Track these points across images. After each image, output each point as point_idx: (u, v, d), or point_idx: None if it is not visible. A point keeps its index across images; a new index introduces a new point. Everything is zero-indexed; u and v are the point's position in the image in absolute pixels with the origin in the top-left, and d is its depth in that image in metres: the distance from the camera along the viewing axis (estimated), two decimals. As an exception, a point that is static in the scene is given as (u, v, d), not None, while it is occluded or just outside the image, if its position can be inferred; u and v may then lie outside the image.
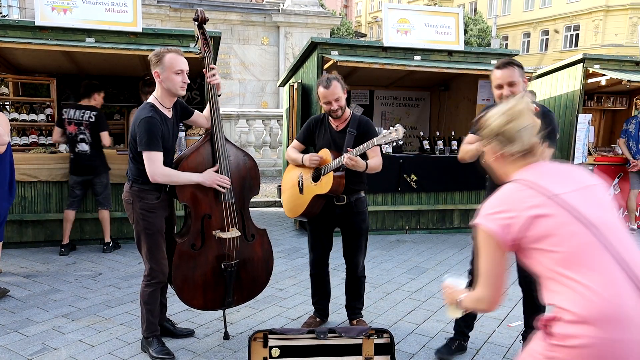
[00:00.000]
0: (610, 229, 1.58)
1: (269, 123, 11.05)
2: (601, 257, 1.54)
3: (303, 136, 3.61)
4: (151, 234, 3.04)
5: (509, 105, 1.81)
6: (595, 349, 1.48)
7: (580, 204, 1.61)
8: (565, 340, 1.52)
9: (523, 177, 1.72)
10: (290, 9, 15.06)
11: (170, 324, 3.47)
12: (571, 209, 1.59)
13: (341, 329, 2.98)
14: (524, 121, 1.76)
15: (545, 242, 1.58)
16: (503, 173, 1.85)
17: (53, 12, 5.23)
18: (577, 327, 1.50)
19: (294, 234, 6.44)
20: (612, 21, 31.66)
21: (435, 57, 6.40)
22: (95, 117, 5.27)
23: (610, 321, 1.47)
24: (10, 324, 3.59)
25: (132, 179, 3.06)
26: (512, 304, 4.20)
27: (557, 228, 1.58)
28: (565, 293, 1.54)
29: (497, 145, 1.80)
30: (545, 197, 1.62)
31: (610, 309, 1.48)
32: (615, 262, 1.52)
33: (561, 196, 1.62)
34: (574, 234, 1.57)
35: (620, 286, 1.50)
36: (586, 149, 6.85)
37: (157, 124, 2.92)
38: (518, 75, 2.90)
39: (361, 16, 52.86)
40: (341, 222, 3.46)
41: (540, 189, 1.64)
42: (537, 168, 1.75)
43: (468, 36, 31.55)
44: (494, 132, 1.80)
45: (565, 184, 1.67)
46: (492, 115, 1.82)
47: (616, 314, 1.47)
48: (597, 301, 1.49)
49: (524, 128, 1.76)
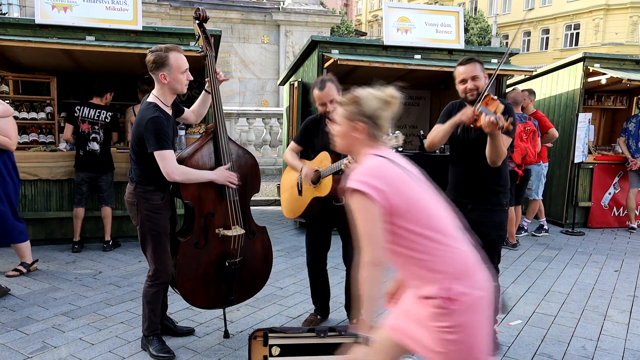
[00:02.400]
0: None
1: (269, 122, 11.04)
2: (452, 225, 1.88)
3: (300, 137, 3.60)
4: (156, 235, 3.04)
5: (388, 93, 1.92)
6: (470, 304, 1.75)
7: (422, 180, 1.91)
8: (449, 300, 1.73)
9: (382, 154, 1.88)
10: (290, 7, 15.04)
11: (170, 322, 3.47)
12: (422, 183, 1.90)
13: (341, 328, 2.99)
14: (394, 110, 1.92)
15: (408, 213, 1.78)
16: (353, 148, 1.97)
17: (53, 10, 5.23)
18: (456, 286, 1.74)
19: (293, 233, 6.44)
20: (612, 20, 31.63)
21: (436, 55, 6.39)
22: (111, 118, 5.33)
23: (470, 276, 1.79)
24: (10, 322, 3.59)
25: (136, 180, 3.03)
26: (511, 302, 4.20)
27: (416, 201, 1.81)
28: (437, 256, 1.78)
29: (366, 125, 1.89)
30: (404, 172, 1.85)
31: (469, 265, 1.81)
32: (458, 228, 1.89)
33: (412, 173, 1.89)
34: (428, 206, 1.84)
35: (468, 246, 1.86)
36: (586, 147, 6.85)
37: (163, 122, 2.91)
38: (479, 70, 3.10)
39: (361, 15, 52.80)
40: (339, 223, 3.46)
41: (399, 166, 1.86)
42: (385, 149, 1.93)
43: (469, 35, 31.50)
44: (368, 113, 1.89)
45: (408, 164, 1.93)
46: (368, 97, 1.91)
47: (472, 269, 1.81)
48: (462, 260, 1.79)
49: (391, 117, 1.92)
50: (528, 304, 4.23)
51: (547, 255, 5.74)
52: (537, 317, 3.96)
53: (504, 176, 3.16)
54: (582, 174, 7.07)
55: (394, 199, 1.77)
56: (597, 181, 7.16)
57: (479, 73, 3.06)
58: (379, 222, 1.76)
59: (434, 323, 1.75)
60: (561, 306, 4.21)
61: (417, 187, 1.86)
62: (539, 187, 6.40)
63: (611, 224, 7.26)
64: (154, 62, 2.91)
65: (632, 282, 4.88)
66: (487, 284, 1.84)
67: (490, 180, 3.12)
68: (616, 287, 4.72)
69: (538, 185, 6.39)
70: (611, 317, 4.02)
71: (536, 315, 4.00)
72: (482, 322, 1.80)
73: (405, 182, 1.83)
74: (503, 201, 3.18)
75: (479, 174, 3.12)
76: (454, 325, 1.73)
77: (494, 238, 3.14)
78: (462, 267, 1.80)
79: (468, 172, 3.17)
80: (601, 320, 3.95)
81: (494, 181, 3.12)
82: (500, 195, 3.16)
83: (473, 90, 3.05)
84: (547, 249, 6.05)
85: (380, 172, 1.81)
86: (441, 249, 1.80)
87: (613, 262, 5.53)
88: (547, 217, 6.94)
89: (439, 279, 1.77)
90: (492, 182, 3.12)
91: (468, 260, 1.84)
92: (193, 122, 3.40)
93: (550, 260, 5.56)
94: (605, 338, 3.62)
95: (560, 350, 3.40)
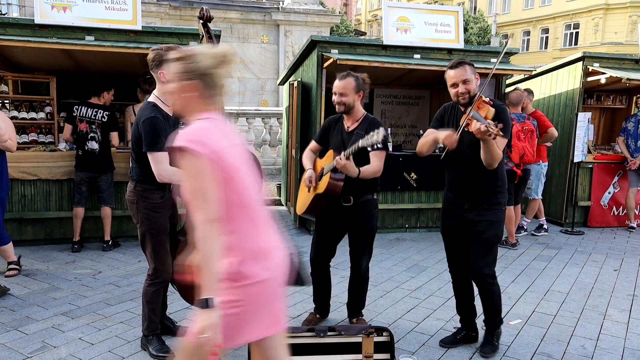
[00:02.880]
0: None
1: (269, 121, 11.03)
2: (261, 208, 1.93)
3: (319, 136, 3.61)
4: (156, 234, 3.04)
5: (221, 50, 1.86)
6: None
7: (241, 155, 1.91)
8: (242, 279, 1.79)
9: (214, 120, 1.85)
10: (290, 7, 15.03)
11: (170, 322, 3.47)
12: (245, 160, 1.91)
13: (341, 327, 2.99)
14: (229, 69, 1.87)
15: (225, 183, 1.77)
16: (187, 109, 1.89)
17: (53, 10, 5.23)
18: (249, 264, 1.80)
19: (293, 233, 6.44)
20: (611, 19, 31.64)
21: (435, 55, 6.40)
22: (108, 117, 5.32)
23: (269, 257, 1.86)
24: (10, 322, 3.59)
25: (136, 179, 3.05)
26: (511, 302, 4.21)
27: (235, 174, 1.81)
28: (241, 232, 1.80)
29: (200, 84, 1.82)
30: (231, 144, 1.83)
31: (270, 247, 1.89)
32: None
33: (238, 147, 1.89)
34: (245, 182, 1.85)
35: (272, 230, 1.93)
36: (586, 147, 6.85)
37: (160, 123, 2.92)
38: (470, 72, 3.04)
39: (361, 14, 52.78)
40: (348, 223, 3.46)
41: (228, 136, 1.85)
42: (219, 116, 1.90)
43: (468, 34, 31.50)
44: (201, 70, 1.81)
45: (236, 138, 1.93)
46: (202, 53, 1.84)
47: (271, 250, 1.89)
48: (262, 239, 1.85)
49: (226, 76, 1.87)
50: (527, 303, 4.23)
51: (546, 255, 5.74)
52: (536, 316, 3.97)
53: (501, 175, 3.13)
54: (582, 174, 7.08)
55: (217, 164, 1.75)
56: (597, 180, 7.16)
57: (469, 76, 3.01)
58: (209, 177, 1.73)
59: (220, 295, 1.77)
60: (561, 305, 4.21)
61: (238, 161, 1.85)
62: (538, 186, 6.40)
63: (611, 224, 7.27)
64: (154, 60, 2.94)
65: (632, 282, 4.89)
66: (281, 267, 1.93)
67: (487, 180, 3.09)
68: (616, 287, 4.72)
69: (537, 185, 6.39)
70: (611, 316, 4.02)
71: (536, 314, 4.00)
72: (267, 301, 1.89)
73: (229, 153, 1.80)
74: (501, 200, 3.16)
75: (475, 175, 3.09)
76: (235, 300, 1.78)
77: (490, 237, 3.12)
78: (260, 247, 1.85)
79: (464, 173, 3.14)
80: (601, 319, 3.96)
81: (491, 181, 3.10)
82: (498, 195, 3.14)
83: (465, 94, 3.01)
84: (547, 248, 6.05)
85: (207, 135, 1.77)
86: (246, 227, 1.83)
87: (612, 262, 5.53)
88: (546, 216, 6.94)
89: (236, 253, 1.79)
90: (489, 182, 3.10)
91: (268, 242, 1.90)
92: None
93: (550, 259, 5.57)
94: (604, 337, 3.63)
95: (559, 350, 3.40)
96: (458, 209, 3.21)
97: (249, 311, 1.84)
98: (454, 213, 3.25)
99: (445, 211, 3.34)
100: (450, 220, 3.29)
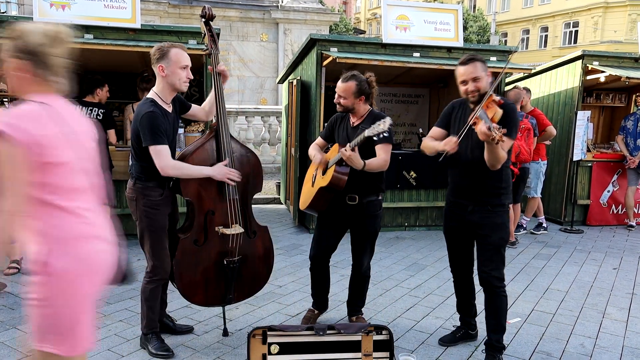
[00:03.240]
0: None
1: (268, 120, 11.03)
2: (89, 200, 1.90)
3: (325, 132, 3.61)
4: (154, 231, 3.04)
5: (53, 28, 1.79)
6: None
7: (78, 142, 1.85)
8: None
9: (48, 102, 1.76)
10: (289, 5, 15.02)
11: (169, 320, 3.47)
12: (81, 148, 1.86)
13: (340, 326, 2.98)
14: (64, 49, 1.79)
15: (41, 170, 1.70)
16: (21, 89, 1.80)
17: (52, 8, 5.22)
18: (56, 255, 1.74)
19: (293, 231, 6.44)
20: (611, 18, 31.63)
21: (435, 53, 6.39)
22: (104, 115, 5.28)
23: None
24: (9, 320, 3.59)
25: (136, 176, 3.06)
26: (510, 300, 4.21)
27: (56, 162, 1.73)
28: (50, 220, 1.75)
29: (30, 64, 1.74)
30: (63, 130, 1.76)
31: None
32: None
33: (75, 134, 1.82)
34: (67, 170, 1.78)
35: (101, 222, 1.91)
36: (585, 145, 6.85)
37: (159, 117, 2.92)
38: (481, 70, 2.95)
39: (360, 13, 52.73)
40: (351, 222, 3.46)
41: (61, 122, 1.77)
42: (55, 98, 1.81)
43: (468, 33, 31.50)
44: (30, 48, 1.73)
45: (78, 124, 1.87)
46: (31, 30, 1.75)
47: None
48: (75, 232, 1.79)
49: (62, 56, 1.79)
50: (527, 301, 4.23)
51: (545, 253, 5.75)
52: (535, 314, 3.97)
53: (505, 176, 3.05)
54: (581, 172, 7.08)
55: (34, 152, 1.67)
56: (596, 179, 7.17)
57: (480, 73, 2.92)
58: (19, 166, 1.65)
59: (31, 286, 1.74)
60: (560, 304, 4.21)
61: (69, 148, 1.78)
62: (537, 185, 6.41)
63: (610, 222, 7.27)
64: (154, 54, 2.96)
65: (631, 280, 4.89)
66: (98, 262, 1.85)
67: (490, 181, 3.00)
68: (615, 285, 4.73)
69: (537, 183, 6.39)
70: (610, 314, 4.03)
71: (535, 313, 4.01)
72: (76, 296, 1.79)
73: (56, 140, 1.73)
74: (505, 202, 3.06)
75: (478, 175, 3.01)
76: (44, 291, 1.74)
77: (496, 240, 3.03)
78: (68, 237, 1.78)
79: (468, 173, 3.06)
80: (600, 317, 3.96)
81: (494, 182, 3.01)
82: (502, 197, 3.05)
83: (474, 92, 2.93)
84: (546, 246, 6.05)
85: (29, 120, 1.68)
86: (57, 216, 1.76)
87: (612, 260, 5.54)
88: (545, 215, 6.94)
89: (44, 241, 1.74)
90: (492, 182, 3.01)
91: (84, 233, 1.82)
92: (203, 119, 3.42)
93: (549, 258, 5.57)
94: (603, 335, 3.63)
95: (559, 348, 3.41)
96: (461, 210, 3.14)
97: (59, 305, 1.75)
98: (457, 214, 3.18)
99: (448, 212, 3.27)
100: (453, 221, 3.23)
